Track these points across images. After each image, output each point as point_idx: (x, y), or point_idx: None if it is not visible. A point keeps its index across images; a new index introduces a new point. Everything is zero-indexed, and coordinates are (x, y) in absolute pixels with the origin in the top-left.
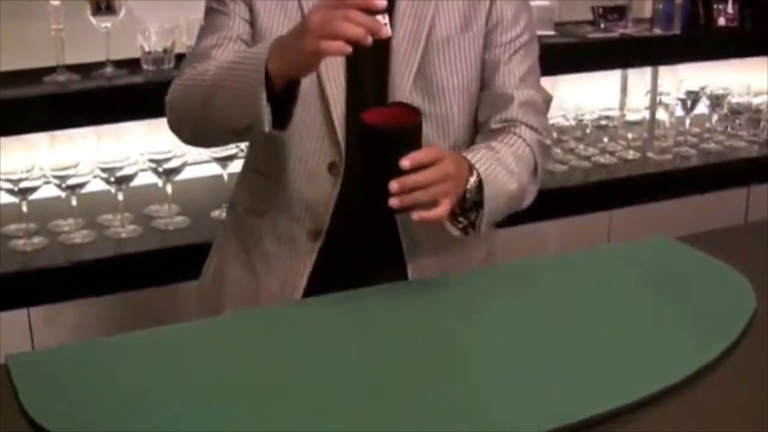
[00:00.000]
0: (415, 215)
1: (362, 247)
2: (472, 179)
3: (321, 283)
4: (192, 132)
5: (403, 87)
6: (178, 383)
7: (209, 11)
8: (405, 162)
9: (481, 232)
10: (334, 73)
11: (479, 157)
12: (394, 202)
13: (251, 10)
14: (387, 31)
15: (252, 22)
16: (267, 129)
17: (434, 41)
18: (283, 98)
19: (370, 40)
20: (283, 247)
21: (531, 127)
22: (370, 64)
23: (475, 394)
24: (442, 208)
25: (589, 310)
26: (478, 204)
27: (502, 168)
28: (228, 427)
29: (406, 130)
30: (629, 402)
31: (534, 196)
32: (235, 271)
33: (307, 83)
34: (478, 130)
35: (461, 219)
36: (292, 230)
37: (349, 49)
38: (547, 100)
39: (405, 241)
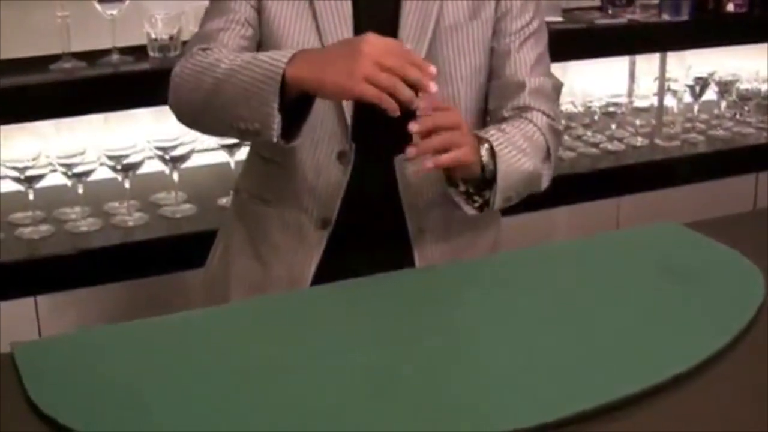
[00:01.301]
0: (429, 162)
1: (370, 235)
2: (484, 149)
3: (329, 271)
4: (192, 118)
5: None
6: (184, 371)
7: None
8: (421, 102)
9: (496, 207)
10: None
11: (490, 134)
12: (412, 151)
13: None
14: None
15: (259, 10)
16: (275, 139)
17: (442, 29)
18: (294, 109)
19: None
20: (291, 236)
21: (543, 113)
22: None
23: (478, 380)
24: (456, 153)
25: (597, 296)
26: (492, 182)
27: (513, 147)
28: (233, 413)
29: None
30: (638, 390)
31: (549, 180)
32: (242, 259)
33: None
34: (486, 121)
35: (476, 198)
36: (300, 219)
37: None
38: (558, 86)
39: (412, 229)
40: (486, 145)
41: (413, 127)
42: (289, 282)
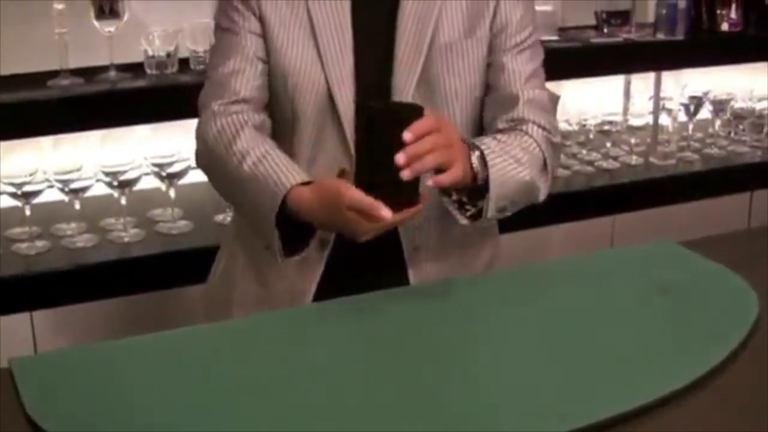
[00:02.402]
0: (430, 181)
1: (366, 254)
2: (475, 156)
3: (328, 290)
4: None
5: (406, 94)
6: (182, 388)
7: (219, 30)
8: (407, 135)
9: (489, 216)
10: (341, 82)
11: (484, 143)
12: (405, 173)
13: (262, 21)
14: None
15: (264, 35)
16: (279, 260)
17: (437, 48)
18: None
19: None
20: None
21: (538, 125)
22: (374, 71)
23: (477, 398)
24: (454, 171)
25: (593, 315)
26: (485, 191)
27: (509, 156)
28: (232, 429)
29: (412, 107)
30: (632, 408)
31: (547, 192)
32: (244, 284)
33: (316, 95)
34: (482, 134)
35: (468, 207)
36: None
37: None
38: (554, 99)
39: (406, 247)
40: (477, 153)
41: (399, 158)
42: (291, 299)
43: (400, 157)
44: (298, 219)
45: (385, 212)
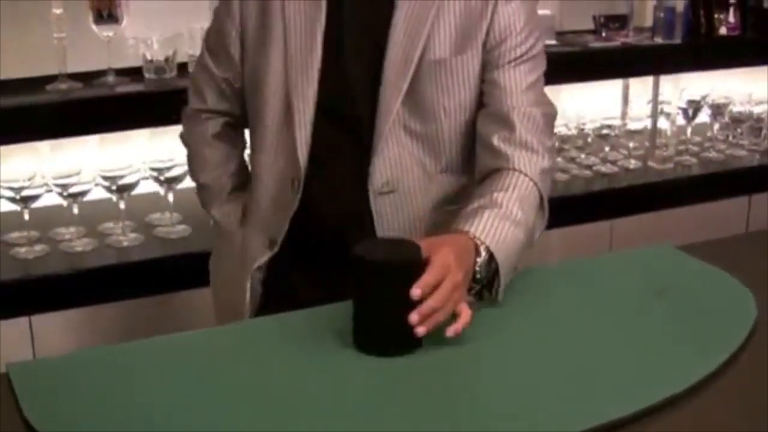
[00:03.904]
0: (450, 332)
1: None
2: (480, 260)
3: (301, 298)
4: None
5: (392, 107)
6: (181, 392)
7: (200, 61)
8: (416, 291)
9: (500, 297)
10: (304, 91)
11: (483, 226)
12: (421, 330)
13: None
14: None
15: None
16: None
17: (426, 64)
18: None
19: None
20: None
21: (531, 149)
22: (361, 86)
23: (477, 401)
24: (465, 315)
25: (591, 319)
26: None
27: (510, 223)
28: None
29: (408, 249)
30: (632, 411)
31: (543, 227)
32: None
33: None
34: (474, 147)
35: (472, 284)
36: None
37: None
38: (550, 115)
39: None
40: (482, 256)
41: (413, 318)
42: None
43: (413, 317)
44: None
45: None
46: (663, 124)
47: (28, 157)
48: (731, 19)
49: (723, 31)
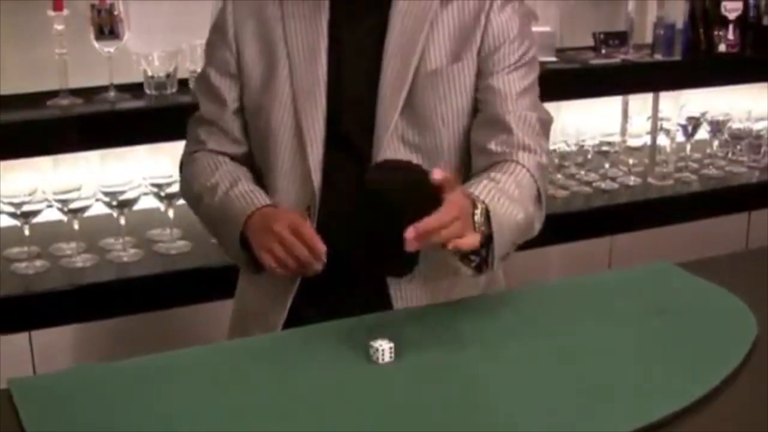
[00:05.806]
0: (450, 245)
1: (346, 275)
2: (478, 212)
3: (301, 315)
4: None
5: (389, 121)
6: (181, 408)
7: (203, 78)
8: (411, 232)
9: (495, 267)
10: (313, 115)
11: (481, 188)
12: (412, 245)
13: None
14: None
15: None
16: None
17: (422, 74)
18: None
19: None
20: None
21: (528, 149)
22: (359, 100)
23: (476, 419)
24: (472, 237)
25: (591, 335)
26: (487, 239)
27: (506, 198)
28: None
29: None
30: (632, 429)
31: (542, 223)
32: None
33: (283, 126)
34: (471, 154)
35: (472, 257)
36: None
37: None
38: (546, 121)
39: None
40: (480, 208)
41: (410, 233)
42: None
43: (410, 232)
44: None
45: (321, 246)
46: (663, 140)
47: (29, 173)
48: (731, 36)
49: (722, 48)
